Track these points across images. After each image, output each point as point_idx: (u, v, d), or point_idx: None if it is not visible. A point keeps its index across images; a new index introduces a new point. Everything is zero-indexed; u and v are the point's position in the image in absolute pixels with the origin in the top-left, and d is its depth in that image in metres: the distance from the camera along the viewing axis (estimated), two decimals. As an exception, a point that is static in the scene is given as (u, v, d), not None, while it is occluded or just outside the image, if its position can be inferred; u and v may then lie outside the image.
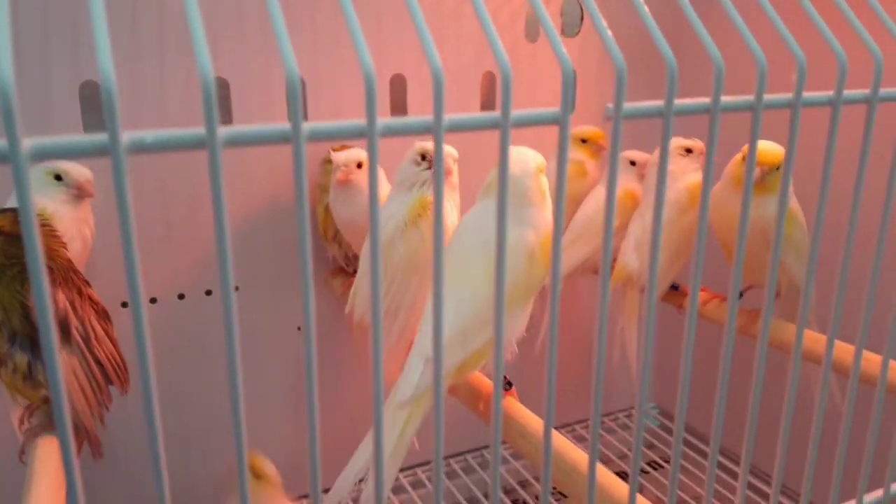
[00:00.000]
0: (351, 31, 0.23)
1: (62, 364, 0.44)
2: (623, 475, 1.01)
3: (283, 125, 0.22)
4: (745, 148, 0.61)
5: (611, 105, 0.27)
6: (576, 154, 0.84)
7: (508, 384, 0.53)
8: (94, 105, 0.68)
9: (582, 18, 0.90)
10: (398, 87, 0.81)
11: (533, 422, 0.49)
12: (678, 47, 0.36)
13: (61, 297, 0.43)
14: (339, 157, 0.67)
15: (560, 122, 0.26)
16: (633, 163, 0.81)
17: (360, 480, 0.46)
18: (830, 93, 0.32)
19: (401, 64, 0.80)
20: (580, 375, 0.95)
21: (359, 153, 0.68)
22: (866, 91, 0.33)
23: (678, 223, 0.71)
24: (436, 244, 0.27)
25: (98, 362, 0.46)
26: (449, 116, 0.24)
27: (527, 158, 0.51)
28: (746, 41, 0.29)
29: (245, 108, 0.74)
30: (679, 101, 0.28)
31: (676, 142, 0.73)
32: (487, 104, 0.87)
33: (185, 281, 0.76)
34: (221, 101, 0.73)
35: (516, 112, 0.25)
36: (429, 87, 0.40)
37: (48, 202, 0.55)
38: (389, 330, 0.58)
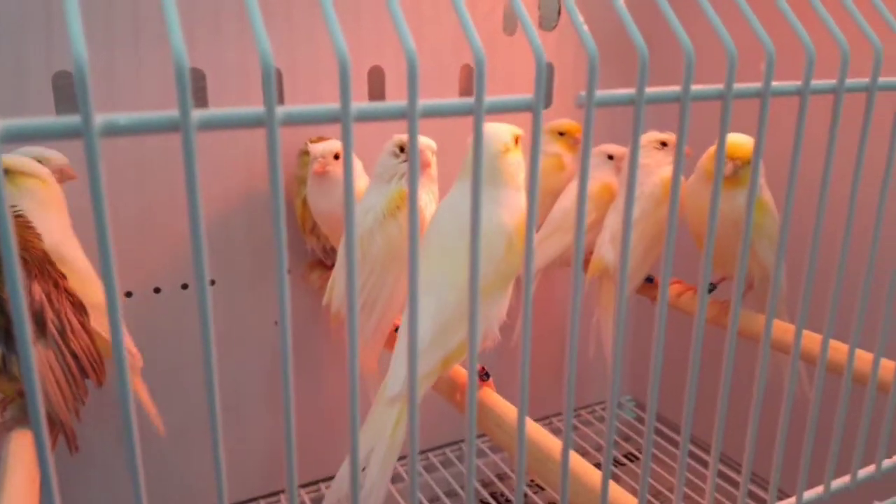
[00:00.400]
0: (325, 16, 0.23)
1: (37, 357, 0.44)
2: (599, 467, 1.02)
3: (258, 108, 0.22)
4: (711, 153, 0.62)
5: (583, 93, 0.27)
6: (553, 147, 0.85)
7: (485, 375, 0.53)
8: (68, 95, 0.67)
9: (559, 12, 0.90)
10: (376, 78, 0.81)
11: (510, 412, 0.49)
12: (653, 37, 0.36)
13: (37, 289, 0.43)
14: (316, 148, 0.67)
15: (533, 108, 0.26)
16: (610, 157, 0.82)
17: (363, 469, 0.46)
18: (799, 83, 0.32)
19: (379, 56, 0.80)
20: (557, 368, 0.95)
21: (336, 144, 0.68)
22: (833, 81, 0.33)
23: (653, 216, 0.72)
24: (411, 238, 0.27)
25: (74, 355, 0.45)
26: (423, 102, 0.25)
27: (496, 136, 0.50)
28: (717, 30, 0.30)
29: (221, 98, 0.73)
30: (650, 90, 0.29)
31: (652, 136, 0.74)
32: (465, 95, 0.87)
33: (161, 275, 0.75)
34: (197, 92, 0.73)
35: (490, 98, 0.26)
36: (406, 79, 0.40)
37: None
38: (366, 322, 0.58)
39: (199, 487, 0.82)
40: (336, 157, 0.67)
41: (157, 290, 0.75)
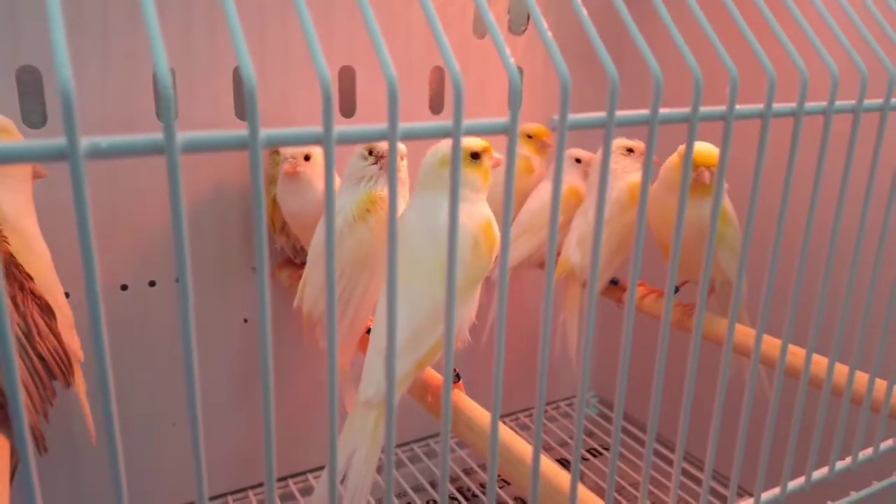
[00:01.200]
0: (307, 39, 0.24)
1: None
2: (564, 462, 1.04)
3: (241, 132, 0.23)
4: (681, 148, 0.63)
5: (556, 117, 0.28)
6: (522, 150, 0.86)
7: (457, 377, 0.54)
8: (32, 89, 0.66)
9: (528, 17, 0.91)
10: (347, 79, 0.81)
11: (480, 414, 0.50)
12: (623, 52, 0.37)
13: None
14: (287, 149, 0.67)
15: (509, 131, 0.27)
16: (578, 160, 0.83)
17: (342, 481, 0.46)
18: (761, 106, 0.33)
19: (350, 56, 0.80)
20: (523, 365, 0.97)
21: (305, 147, 0.68)
22: (793, 105, 0.35)
23: (619, 220, 0.73)
24: (390, 260, 0.27)
25: (41, 357, 0.45)
26: (403, 125, 0.25)
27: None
28: (684, 55, 0.31)
29: (190, 97, 0.73)
30: (620, 114, 0.30)
31: (619, 142, 0.75)
32: (436, 99, 0.88)
33: (128, 272, 0.75)
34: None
35: (468, 122, 0.26)
36: (378, 80, 0.39)
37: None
38: (339, 324, 0.59)
39: (162, 483, 0.82)
40: (307, 157, 0.67)
41: (123, 287, 0.75)
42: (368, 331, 0.60)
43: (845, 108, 0.36)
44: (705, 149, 0.64)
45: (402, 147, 0.59)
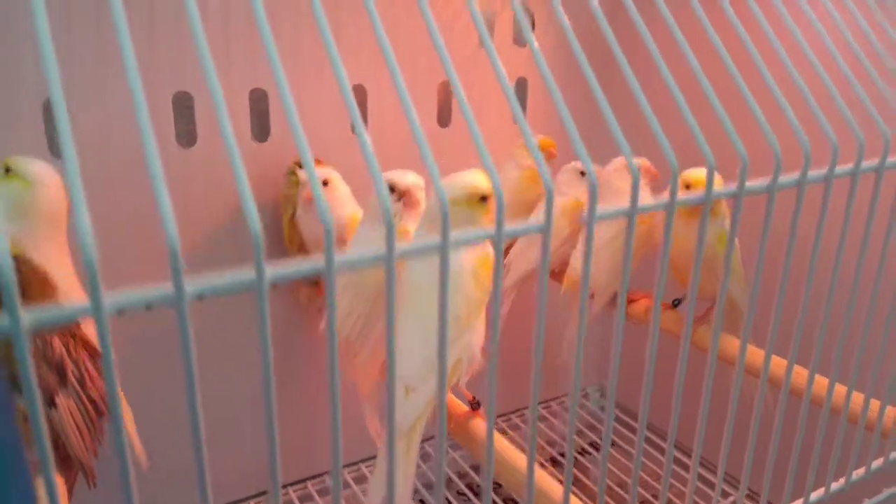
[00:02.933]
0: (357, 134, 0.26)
1: (60, 405, 0.47)
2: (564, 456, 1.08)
3: (249, 274, 0.25)
4: (685, 175, 0.66)
5: (585, 213, 0.31)
6: (526, 160, 0.89)
7: (476, 403, 0.58)
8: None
9: (534, 27, 0.93)
10: (358, 97, 0.83)
11: (505, 449, 0.54)
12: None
13: (57, 343, 0.46)
14: (304, 174, 0.70)
15: (543, 231, 0.30)
16: (582, 173, 0.86)
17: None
18: (767, 181, 0.36)
19: (361, 75, 0.82)
20: (525, 366, 1.00)
21: (324, 172, 0.70)
22: (796, 174, 0.38)
23: (623, 238, 0.76)
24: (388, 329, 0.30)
25: (92, 400, 0.48)
26: (452, 234, 0.28)
27: (462, 189, 0.54)
28: (698, 143, 0.34)
29: (208, 120, 0.75)
30: (641, 203, 0.33)
31: (624, 160, 0.78)
32: (443, 112, 0.90)
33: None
34: (184, 111, 0.75)
35: (508, 227, 0.29)
36: (388, 96, 0.42)
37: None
38: (362, 346, 0.62)
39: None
40: (325, 183, 0.70)
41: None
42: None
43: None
44: (701, 174, 0.67)
45: (420, 181, 0.61)
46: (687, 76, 0.38)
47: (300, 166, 0.76)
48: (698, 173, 0.67)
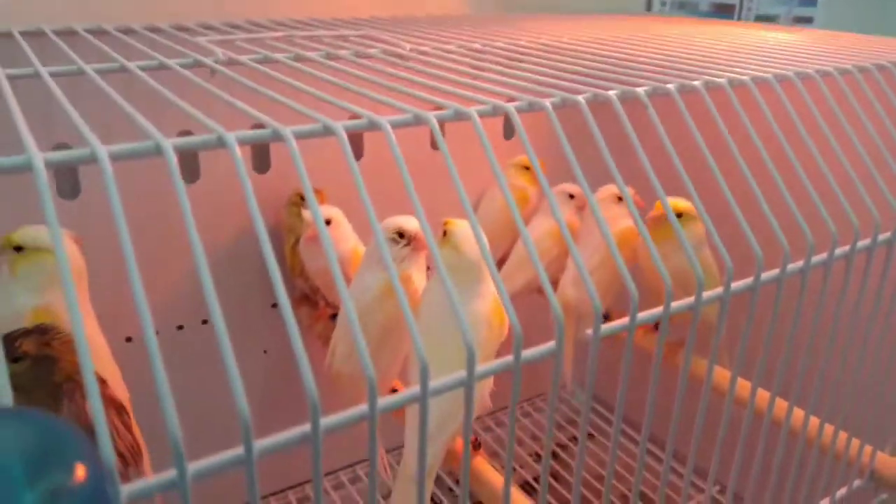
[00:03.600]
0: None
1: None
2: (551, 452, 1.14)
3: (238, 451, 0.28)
4: (658, 204, 0.70)
5: (590, 331, 0.35)
6: (518, 181, 0.92)
7: (477, 444, 0.62)
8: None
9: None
10: (354, 137, 0.85)
11: (498, 481, 0.58)
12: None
13: (88, 407, 0.49)
14: (308, 213, 0.73)
15: (555, 355, 0.34)
16: (571, 196, 0.89)
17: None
18: (750, 281, 0.41)
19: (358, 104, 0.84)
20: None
21: (328, 210, 0.73)
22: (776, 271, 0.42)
23: (609, 263, 0.80)
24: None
25: (121, 454, 0.52)
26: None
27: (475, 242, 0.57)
28: (689, 259, 0.38)
29: (212, 153, 0.77)
30: (641, 315, 0.37)
31: (610, 189, 0.82)
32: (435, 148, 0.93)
33: (159, 318, 0.80)
34: (188, 159, 0.77)
35: (526, 352, 0.33)
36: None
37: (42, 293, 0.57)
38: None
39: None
40: (328, 222, 0.73)
41: (156, 332, 0.80)
42: (393, 390, 0.68)
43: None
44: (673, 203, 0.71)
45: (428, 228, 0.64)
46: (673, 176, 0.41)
47: (302, 198, 0.79)
48: (683, 204, 0.71)
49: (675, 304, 0.39)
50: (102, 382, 0.53)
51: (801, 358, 0.50)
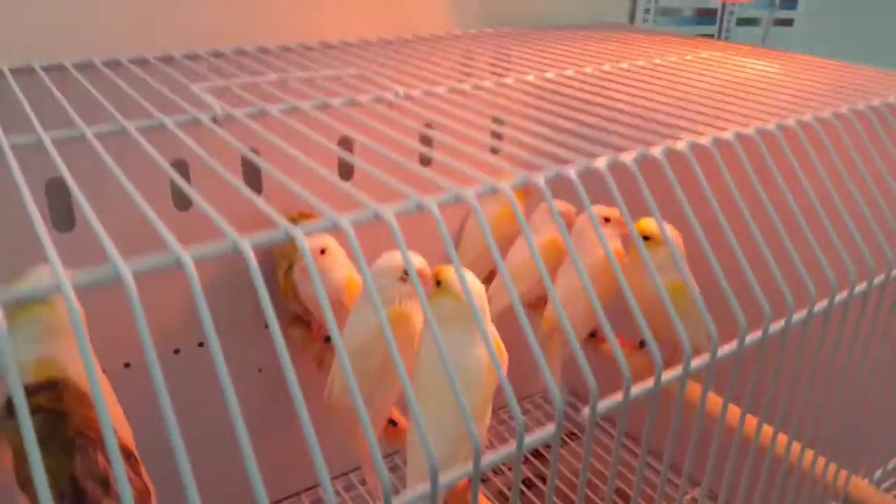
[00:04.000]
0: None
1: (106, 512, 0.52)
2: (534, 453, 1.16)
3: None
4: (641, 226, 0.72)
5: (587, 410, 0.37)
6: (504, 198, 0.93)
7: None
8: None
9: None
10: (345, 146, 0.86)
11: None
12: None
13: (101, 458, 0.50)
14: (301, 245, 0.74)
15: (552, 443, 0.36)
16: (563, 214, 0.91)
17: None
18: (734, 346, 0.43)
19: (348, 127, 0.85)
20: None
21: (320, 241, 0.74)
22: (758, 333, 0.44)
23: (596, 284, 0.82)
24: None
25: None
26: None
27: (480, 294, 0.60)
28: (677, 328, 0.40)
29: (204, 181, 0.77)
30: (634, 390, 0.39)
31: (595, 210, 0.83)
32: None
33: (156, 343, 0.81)
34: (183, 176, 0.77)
35: (529, 437, 0.35)
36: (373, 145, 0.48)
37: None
38: (367, 409, 0.68)
39: None
40: (322, 251, 0.74)
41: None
42: (391, 422, 0.70)
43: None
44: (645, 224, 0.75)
45: (426, 268, 0.64)
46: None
47: (295, 221, 0.80)
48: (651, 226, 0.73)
49: (665, 377, 0.41)
50: (128, 456, 0.55)
51: (786, 389, 0.52)
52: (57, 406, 0.49)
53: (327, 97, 0.59)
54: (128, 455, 0.55)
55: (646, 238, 0.76)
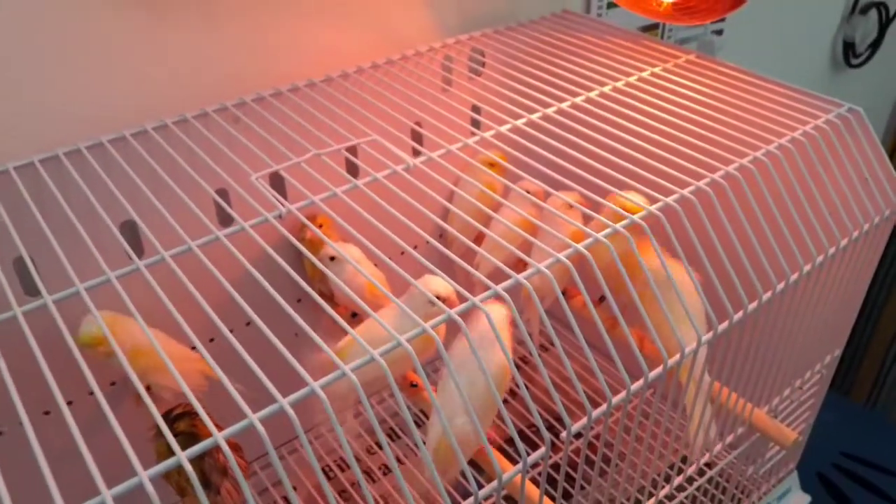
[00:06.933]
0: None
1: (223, 490, 0.74)
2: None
3: None
4: (619, 200, 0.91)
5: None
6: (485, 176, 1.10)
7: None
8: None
9: (483, 63, 1.10)
10: (351, 150, 1.01)
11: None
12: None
13: (220, 456, 0.72)
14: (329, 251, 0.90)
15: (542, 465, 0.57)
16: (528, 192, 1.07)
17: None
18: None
19: (353, 137, 0.99)
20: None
21: (329, 250, 0.89)
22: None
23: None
24: None
25: (236, 486, 0.75)
26: None
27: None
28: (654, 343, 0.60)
29: (242, 207, 0.91)
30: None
31: (569, 195, 0.99)
32: (417, 146, 1.08)
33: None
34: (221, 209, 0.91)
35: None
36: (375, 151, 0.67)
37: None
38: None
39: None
40: (332, 258, 0.90)
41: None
42: (412, 384, 0.90)
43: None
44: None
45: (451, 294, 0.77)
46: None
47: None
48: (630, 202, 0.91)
49: (630, 390, 0.62)
50: (235, 449, 0.75)
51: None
52: (191, 430, 0.70)
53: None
54: (235, 447, 0.77)
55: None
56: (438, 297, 0.75)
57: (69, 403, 0.52)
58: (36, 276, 0.63)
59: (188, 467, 0.48)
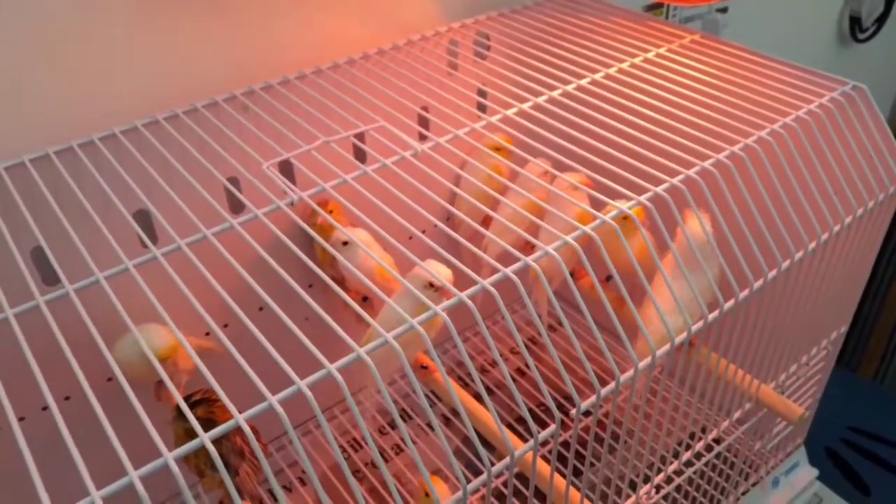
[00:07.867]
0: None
1: (241, 471, 0.75)
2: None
3: None
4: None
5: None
6: (490, 160, 1.11)
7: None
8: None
9: (489, 47, 1.11)
10: (360, 139, 1.02)
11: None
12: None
13: (238, 439, 0.73)
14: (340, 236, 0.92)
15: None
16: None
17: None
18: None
19: (361, 123, 1.00)
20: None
21: (340, 236, 0.91)
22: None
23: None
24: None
25: (255, 467, 0.77)
26: None
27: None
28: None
29: (252, 194, 0.93)
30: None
31: (576, 177, 1.01)
32: (423, 131, 1.10)
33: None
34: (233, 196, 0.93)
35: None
36: (382, 137, 0.68)
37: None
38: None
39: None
40: (345, 243, 0.92)
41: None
42: (422, 367, 0.92)
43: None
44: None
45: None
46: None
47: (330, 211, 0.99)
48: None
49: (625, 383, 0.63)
50: (254, 431, 0.77)
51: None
52: (209, 416, 0.71)
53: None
54: (253, 430, 0.78)
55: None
56: (433, 285, 0.76)
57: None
58: (56, 266, 0.65)
59: (210, 447, 0.49)
